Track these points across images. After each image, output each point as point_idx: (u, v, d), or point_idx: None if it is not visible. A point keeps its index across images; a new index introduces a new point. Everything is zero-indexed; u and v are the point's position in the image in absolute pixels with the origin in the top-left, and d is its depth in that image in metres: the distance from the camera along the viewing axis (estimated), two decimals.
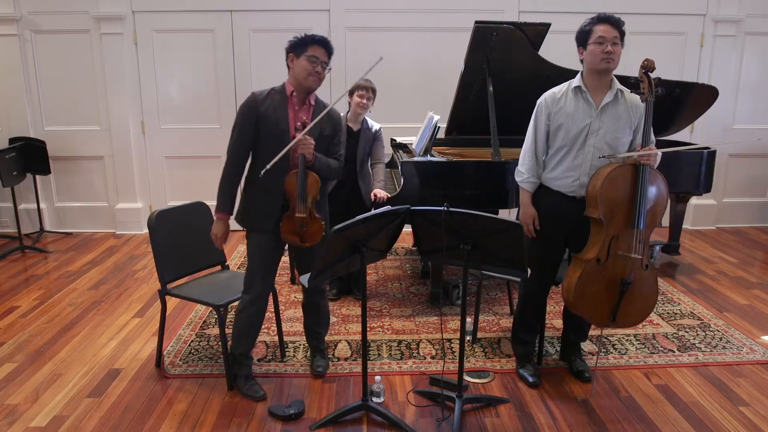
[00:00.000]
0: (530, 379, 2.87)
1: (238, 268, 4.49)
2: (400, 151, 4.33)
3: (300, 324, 3.51)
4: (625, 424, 2.56)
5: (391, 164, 4.42)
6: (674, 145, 4.49)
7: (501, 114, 3.79)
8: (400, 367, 3.03)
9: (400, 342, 3.30)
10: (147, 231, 2.86)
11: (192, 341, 3.30)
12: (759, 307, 3.84)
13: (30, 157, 5.10)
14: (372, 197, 3.52)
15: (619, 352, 3.18)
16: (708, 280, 4.33)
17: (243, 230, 2.75)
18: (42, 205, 5.46)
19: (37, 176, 5.31)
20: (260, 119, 2.56)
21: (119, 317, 3.65)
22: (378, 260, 2.68)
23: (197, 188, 5.15)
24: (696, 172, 4.16)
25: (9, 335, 3.40)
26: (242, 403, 2.70)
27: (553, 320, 3.55)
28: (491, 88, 3.79)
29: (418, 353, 3.17)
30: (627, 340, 3.32)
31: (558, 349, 3.18)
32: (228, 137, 2.65)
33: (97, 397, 2.75)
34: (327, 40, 2.59)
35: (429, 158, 3.75)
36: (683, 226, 4.63)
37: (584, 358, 3.04)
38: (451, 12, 5.18)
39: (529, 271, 2.43)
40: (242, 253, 4.88)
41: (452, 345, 3.27)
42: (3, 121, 5.32)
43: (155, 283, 4.12)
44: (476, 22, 3.64)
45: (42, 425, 2.54)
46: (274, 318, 3.25)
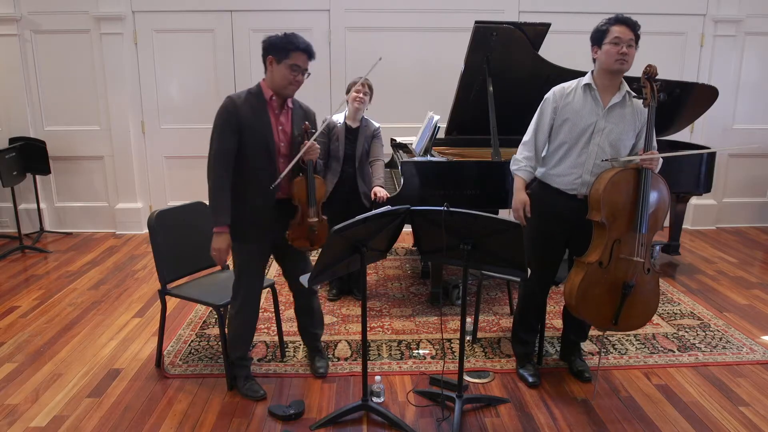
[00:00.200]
0: (530, 379, 2.87)
1: None
2: (400, 151, 4.32)
3: None
4: (625, 424, 2.56)
5: (391, 164, 4.41)
6: (675, 145, 4.50)
7: (501, 114, 3.79)
8: (400, 367, 3.03)
9: (400, 342, 3.30)
10: (147, 231, 2.86)
11: (192, 341, 3.30)
12: (759, 307, 3.84)
13: (30, 157, 5.10)
14: (372, 196, 3.53)
15: (619, 352, 3.18)
16: (708, 280, 4.33)
17: None
18: (42, 205, 5.46)
19: (37, 176, 5.31)
20: (242, 125, 2.46)
21: (119, 317, 3.65)
22: (378, 260, 2.68)
23: (197, 188, 5.10)
24: (696, 172, 4.16)
25: (9, 335, 3.40)
26: (242, 403, 2.70)
27: (553, 320, 3.55)
28: (491, 88, 3.79)
29: (418, 353, 3.17)
30: (627, 340, 3.32)
31: (558, 349, 3.18)
32: None
33: (97, 397, 2.75)
34: (310, 47, 2.48)
35: (429, 158, 3.75)
36: (683, 226, 4.63)
37: (584, 358, 3.04)
38: (451, 12, 5.18)
39: (529, 271, 2.43)
40: None
41: (452, 345, 3.27)
42: (3, 121, 5.32)
43: (155, 283, 4.12)
44: (476, 22, 3.65)
45: (42, 425, 2.54)
46: (274, 318, 3.25)
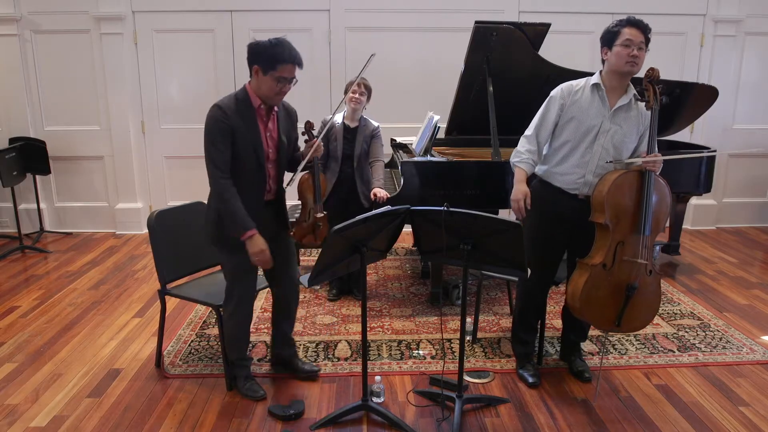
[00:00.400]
0: (530, 380, 2.87)
1: None
2: (400, 151, 4.32)
3: (300, 324, 3.51)
4: (625, 424, 2.56)
5: (391, 164, 4.41)
6: (675, 146, 4.50)
7: (501, 114, 3.79)
8: (400, 367, 3.03)
9: (400, 342, 3.30)
10: (147, 231, 2.86)
11: (192, 341, 3.30)
12: (759, 307, 3.83)
13: (30, 157, 5.10)
14: (372, 196, 3.52)
15: (619, 352, 3.18)
16: (708, 280, 4.33)
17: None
18: (42, 205, 5.46)
19: (37, 176, 5.31)
20: (234, 135, 2.41)
21: (119, 317, 3.65)
22: (378, 260, 2.68)
23: (197, 188, 5.11)
24: (696, 173, 4.15)
25: (9, 335, 3.40)
26: (242, 403, 2.70)
27: (553, 320, 3.55)
28: (491, 88, 3.79)
29: (418, 353, 3.17)
30: (627, 341, 3.32)
31: (558, 349, 3.18)
32: None
33: (97, 397, 2.75)
34: (297, 58, 2.38)
35: (429, 158, 3.75)
36: (683, 226, 4.63)
37: (584, 358, 3.04)
38: (451, 12, 5.18)
39: (529, 271, 2.43)
40: None
41: (452, 345, 3.27)
42: (3, 121, 5.32)
43: (155, 283, 4.12)
44: (476, 22, 3.65)
45: (42, 425, 2.54)
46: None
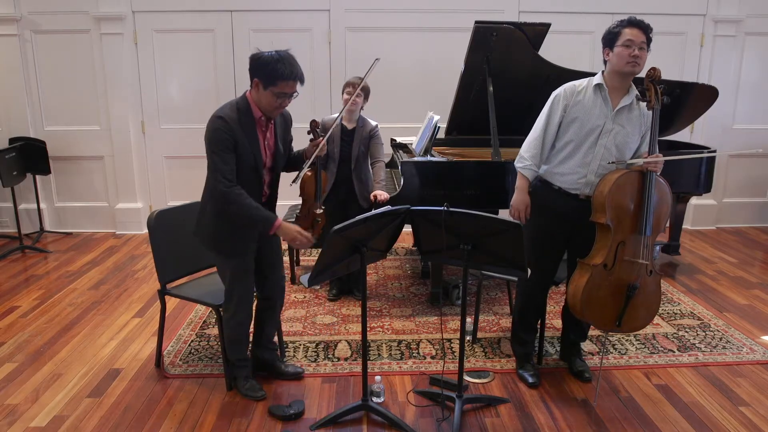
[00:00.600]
0: (530, 380, 2.87)
1: None
2: (400, 151, 4.32)
3: (300, 324, 3.51)
4: (625, 424, 2.56)
5: (391, 164, 4.41)
6: (675, 146, 4.50)
7: (501, 114, 3.79)
8: (400, 367, 3.03)
9: (400, 342, 3.30)
10: (147, 231, 2.86)
11: (192, 341, 3.30)
12: (759, 307, 3.83)
13: (30, 157, 5.10)
14: (372, 198, 3.52)
15: (619, 352, 3.18)
16: (708, 280, 4.33)
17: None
18: (42, 205, 5.45)
19: (37, 176, 5.31)
20: (236, 145, 2.42)
21: (119, 317, 3.65)
22: (378, 260, 2.68)
23: (197, 188, 5.06)
24: (696, 173, 4.15)
25: (9, 335, 3.40)
26: (242, 403, 2.70)
27: (553, 320, 3.55)
28: (491, 88, 3.79)
29: (418, 353, 3.17)
30: (627, 340, 3.32)
31: (558, 349, 3.18)
32: None
33: (97, 397, 2.75)
34: (298, 75, 2.37)
35: (429, 158, 3.75)
36: (683, 226, 4.63)
37: (584, 358, 3.04)
38: (451, 12, 5.18)
39: (529, 271, 2.43)
40: None
41: (452, 345, 3.27)
42: (3, 121, 5.31)
43: (155, 283, 4.12)
44: (476, 22, 3.65)
45: (42, 425, 2.54)
46: None
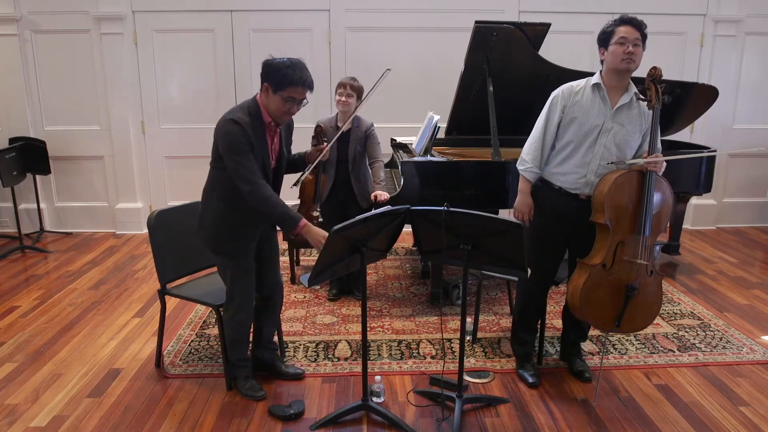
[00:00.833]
0: (530, 380, 2.87)
1: None
2: (400, 151, 4.32)
3: (300, 324, 3.51)
4: (625, 424, 2.56)
5: (391, 164, 4.41)
6: (675, 146, 4.50)
7: (501, 114, 3.79)
8: (400, 367, 3.03)
9: (400, 342, 3.30)
10: (147, 231, 2.86)
11: (192, 341, 3.30)
12: (759, 307, 3.83)
13: (30, 157, 5.10)
14: (373, 199, 3.52)
15: (619, 352, 3.18)
16: (708, 280, 4.33)
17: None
18: (42, 205, 5.45)
19: (37, 176, 5.31)
20: (252, 149, 2.43)
21: (119, 317, 3.65)
22: (378, 260, 2.69)
23: (197, 188, 5.07)
24: (696, 172, 4.15)
25: (9, 335, 3.40)
26: (242, 403, 2.70)
27: (553, 320, 3.55)
28: (491, 88, 3.79)
29: (418, 353, 3.17)
30: (627, 340, 3.32)
31: (558, 349, 3.18)
32: None
33: (97, 397, 2.75)
34: (307, 81, 2.40)
35: (429, 158, 3.75)
36: (683, 226, 4.63)
37: (584, 358, 3.04)
38: (451, 12, 5.18)
39: (529, 271, 2.43)
40: None
41: (452, 345, 3.27)
42: (3, 121, 5.31)
43: (155, 283, 4.12)
44: (476, 22, 3.65)
45: (42, 425, 2.54)
46: None
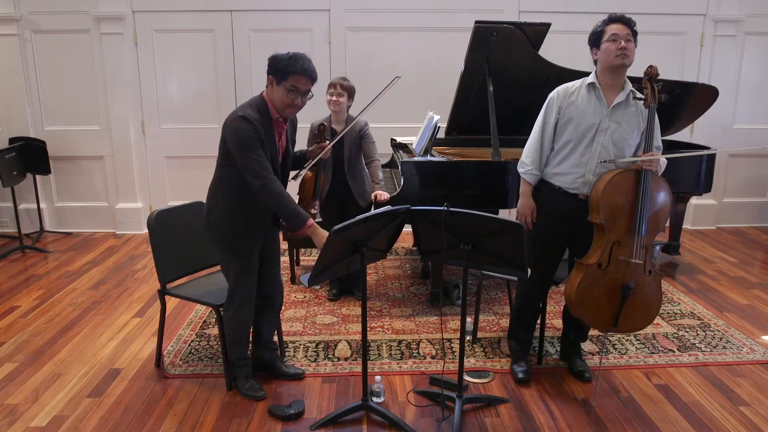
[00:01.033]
0: (519, 375, 2.87)
1: None
2: (400, 151, 4.32)
3: (300, 324, 3.51)
4: (625, 424, 2.56)
5: (391, 164, 4.41)
6: (675, 146, 4.50)
7: (501, 114, 3.79)
8: (400, 367, 3.03)
9: (400, 342, 3.30)
10: (147, 231, 2.86)
11: (192, 341, 3.30)
12: (759, 307, 3.83)
13: (30, 157, 5.10)
14: (373, 199, 3.51)
15: (619, 352, 3.18)
16: (708, 280, 4.33)
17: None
18: (42, 205, 5.45)
19: (37, 176, 5.31)
20: (262, 145, 2.43)
21: (119, 317, 3.65)
22: (378, 260, 2.69)
23: (197, 188, 5.10)
24: (696, 172, 4.15)
25: (9, 335, 3.40)
26: (242, 403, 2.70)
27: (553, 320, 3.55)
28: (491, 88, 3.79)
29: (418, 353, 3.17)
30: (627, 340, 3.32)
31: (558, 349, 3.18)
32: None
33: (97, 397, 2.75)
34: (310, 69, 2.41)
35: (429, 158, 3.75)
36: (683, 226, 4.63)
37: (584, 358, 3.04)
38: (451, 12, 5.17)
39: (529, 271, 2.43)
40: None
41: (452, 345, 3.27)
42: (3, 121, 5.31)
43: (155, 283, 4.12)
44: (476, 22, 3.65)
45: (42, 425, 2.54)
46: None
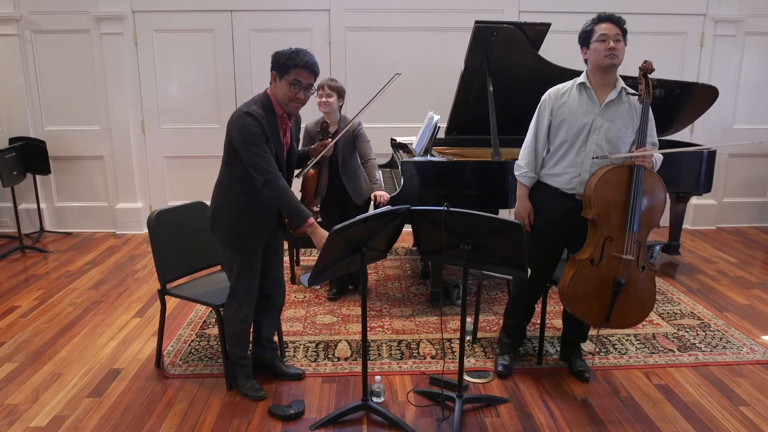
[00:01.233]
0: (499, 368, 2.91)
1: None
2: (400, 151, 4.32)
3: (300, 324, 3.51)
4: (625, 424, 2.56)
5: (391, 164, 4.41)
6: (675, 146, 4.50)
7: (501, 114, 3.79)
8: (400, 367, 3.03)
9: (400, 342, 3.30)
10: (147, 231, 2.86)
11: (192, 341, 3.30)
12: (759, 307, 3.83)
13: (30, 157, 5.10)
14: (373, 199, 3.52)
15: (619, 352, 3.18)
16: (708, 280, 4.33)
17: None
18: (42, 205, 5.46)
19: (37, 176, 5.31)
20: (267, 141, 2.44)
21: (119, 317, 3.65)
22: (378, 260, 2.69)
23: (197, 188, 5.14)
24: (696, 172, 4.16)
25: (9, 335, 3.40)
26: (242, 403, 2.70)
27: (553, 320, 3.55)
28: (491, 88, 3.79)
29: (418, 353, 3.17)
30: (627, 340, 3.32)
31: (558, 349, 3.18)
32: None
33: (97, 397, 2.75)
34: (311, 63, 2.41)
35: (429, 158, 3.75)
36: (683, 226, 4.63)
37: (584, 359, 3.04)
38: (451, 12, 5.18)
39: (529, 271, 2.43)
40: None
41: (452, 345, 3.27)
42: (3, 121, 5.31)
43: (155, 283, 4.12)
44: (476, 22, 3.65)
45: (42, 425, 2.54)
46: None
